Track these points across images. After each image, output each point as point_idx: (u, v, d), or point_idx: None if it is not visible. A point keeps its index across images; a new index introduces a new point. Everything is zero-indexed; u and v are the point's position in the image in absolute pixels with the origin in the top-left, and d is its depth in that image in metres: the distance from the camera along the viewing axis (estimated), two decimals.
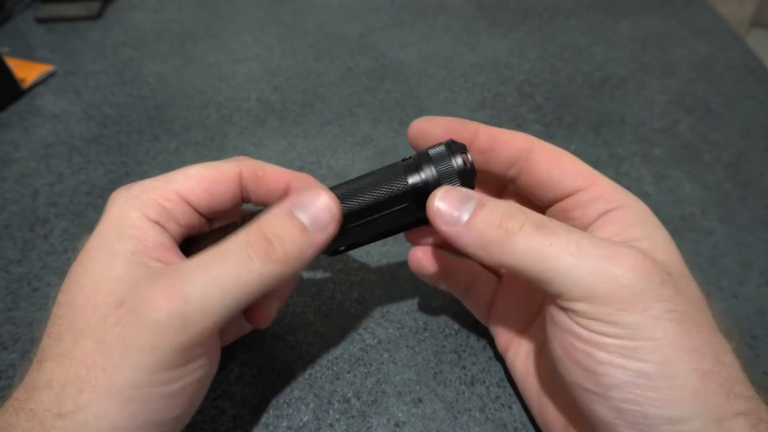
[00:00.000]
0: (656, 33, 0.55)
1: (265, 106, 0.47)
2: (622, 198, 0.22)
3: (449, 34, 0.56)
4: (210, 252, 0.20)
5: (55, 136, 0.44)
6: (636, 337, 0.17)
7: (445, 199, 0.21)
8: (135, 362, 0.18)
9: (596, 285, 0.18)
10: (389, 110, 0.46)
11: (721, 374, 0.17)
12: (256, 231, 0.20)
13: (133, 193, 0.22)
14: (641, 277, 0.18)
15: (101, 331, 0.18)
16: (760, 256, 0.33)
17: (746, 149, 0.41)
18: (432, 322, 0.30)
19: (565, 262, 0.18)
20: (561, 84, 0.48)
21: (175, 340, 0.18)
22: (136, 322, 0.18)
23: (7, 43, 0.56)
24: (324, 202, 0.21)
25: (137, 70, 0.52)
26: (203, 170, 0.23)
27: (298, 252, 0.20)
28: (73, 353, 0.18)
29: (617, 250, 0.18)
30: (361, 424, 0.26)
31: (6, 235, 0.36)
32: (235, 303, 0.19)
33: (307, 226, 0.21)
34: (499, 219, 0.20)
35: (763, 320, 0.30)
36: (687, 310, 0.18)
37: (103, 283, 0.19)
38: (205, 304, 0.18)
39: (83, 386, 0.18)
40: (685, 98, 0.46)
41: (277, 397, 0.27)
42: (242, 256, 0.19)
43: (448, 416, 0.26)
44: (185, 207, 0.22)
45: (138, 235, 0.21)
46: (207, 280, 0.19)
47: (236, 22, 0.59)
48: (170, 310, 0.18)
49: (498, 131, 0.24)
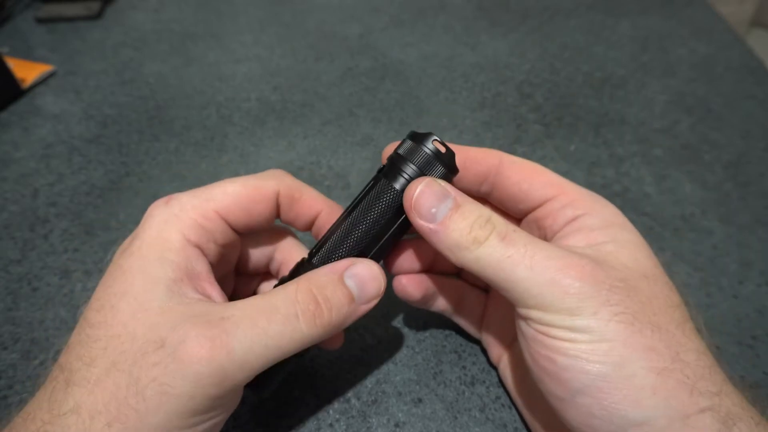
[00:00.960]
0: (656, 33, 0.55)
1: (265, 106, 0.47)
2: (588, 204, 0.22)
3: (449, 34, 0.56)
4: (257, 303, 0.20)
5: (55, 136, 0.44)
6: (590, 339, 0.18)
7: (424, 194, 0.21)
8: (169, 408, 0.18)
9: (545, 294, 0.19)
10: (389, 110, 0.46)
11: (681, 371, 0.18)
12: (306, 291, 0.20)
13: (173, 211, 0.22)
14: (588, 285, 0.19)
15: (137, 368, 0.18)
16: (760, 256, 0.33)
17: (746, 149, 0.41)
18: (432, 322, 0.30)
19: (520, 273, 0.19)
20: (561, 84, 0.48)
21: (212, 392, 0.18)
22: (176, 370, 0.18)
23: (7, 43, 0.56)
24: (375, 275, 0.22)
25: (137, 70, 0.52)
26: (242, 188, 0.23)
27: (341, 319, 0.21)
28: (105, 384, 0.18)
29: (568, 261, 0.19)
30: (361, 424, 0.26)
31: (6, 235, 0.36)
32: (272, 359, 0.19)
33: (355, 296, 0.21)
34: (470, 226, 0.20)
35: (763, 320, 0.30)
36: (640, 311, 0.18)
37: (142, 312, 0.19)
38: (246, 359, 0.19)
39: (113, 421, 0.18)
40: (685, 98, 0.46)
41: (277, 397, 0.27)
42: (290, 316, 0.19)
43: (448, 416, 0.26)
44: (224, 226, 0.22)
45: (178, 260, 0.20)
46: (252, 337, 0.19)
47: (236, 22, 0.59)
48: (213, 363, 0.18)
49: (467, 149, 0.24)
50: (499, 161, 0.24)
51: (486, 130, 0.44)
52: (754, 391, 0.27)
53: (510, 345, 0.26)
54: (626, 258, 0.20)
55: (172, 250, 0.21)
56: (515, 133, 0.43)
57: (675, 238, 0.35)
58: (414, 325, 0.30)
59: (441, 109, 0.46)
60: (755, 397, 0.19)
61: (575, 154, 0.41)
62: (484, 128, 0.44)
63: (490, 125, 0.44)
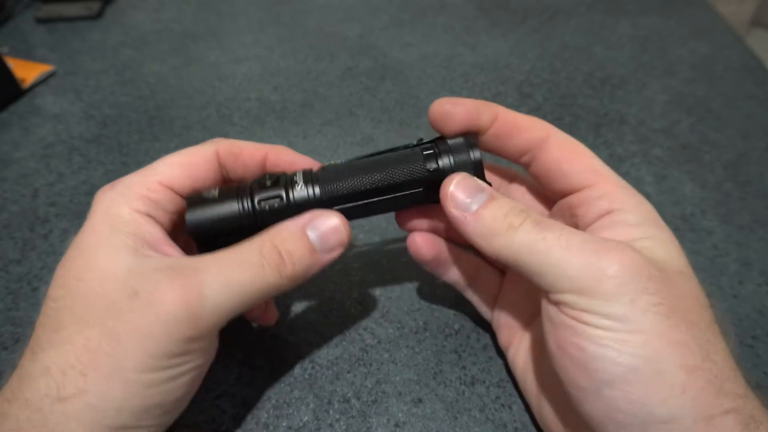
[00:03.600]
0: (656, 33, 0.55)
1: (265, 106, 0.47)
2: (626, 198, 0.22)
3: (449, 34, 0.56)
4: (225, 255, 0.21)
5: (55, 136, 0.44)
6: (624, 329, 0.18)
7: (461, 186, 0.22)
8: (144, 348, 0.19)
9: (583, 277, 0.18)
10: (389, 110, 0.46)
11: (710, 371, 0.17)
12: (270, 245, 0.21)
13: (118, 191, 0.22)
14: (627, 270, 0.18)
15: (110, 319, 0.19)
16: (760, 256, 0.33)
17: (746, 149, 0.41)
18: (432, 322, 0.30)
19: (556, 255, 0.19)
20: (561, 84, 0.48)
21: (186, 334, 0.19)
22: (151, 312, 0.19)
23: (7, 43, 0.56)
24: (336, 226, 0.22)
25: (137, 70, 0.52)
26: (180, 157, 0.24)
27: (304, 270, 0.22)
28: (76, 340, 0.19)
29: (605, 245, 0.19)
30: (361, 424, 0.26)
31: (6, 235, 0.36)
32: (243, 305, 0.21)
33: (316, 247, 0.22)
34: (504, 214, 0.21)
35: (763, 320, 0.30)
36: (676, 305, 0.18)
37: (111, 276, 0.20)
38: (218, 304, 0.20)
39: (87, 370, 0.18)
40: (685, 98, 0.46)
41: (277, 397, 0.27)
42: (256, 266, 0.21)
43: (448, 416, 0.26)
44: (170, 194, 0.23)
45: (131, 230, 0.21)
46: (223, 283, 0.20)
47: (236, 22, 0.59)
48: (187, 307, 0.19)
49: (517, 116, 0.24)
50: (547, 135, 0.23)
51: None
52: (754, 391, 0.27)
53: (522, 330, 0.26)
54: (663, 254, 0.20)
55: (123, 223, 0.21)
56: None
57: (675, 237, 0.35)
58: (414, 325, 0.30)
59: None
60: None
61: None
62: None
63: None
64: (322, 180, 0.23)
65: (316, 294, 0.32)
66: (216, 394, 0.27)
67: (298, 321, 0.30)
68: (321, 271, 0.23)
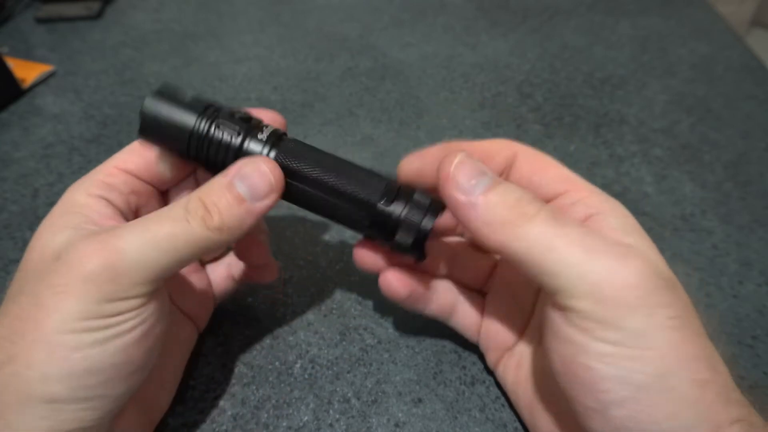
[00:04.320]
0: (656, 33, 0.55)
1: (265, 106, 0.47)
2: (601, 202, 0.21)
3: (449, 34, 0.56)
4: (150, 214, 0.21)
5: (55, 136, 0.44)
6: (638, 345, 0.17)
7: (464, 167, 0.20)
8: (63, 308, 0.18)
9: (603, 282, 0.17)
10: (389, 110, 0.46)
11: (717, 382, 0.17)
12: (195, 199, 0.21)
13: (79, 181, 0.23)
14: (646, 280, 0.17)
15: (36, 284, 0.19)
16: (760, 256, 0.33)
17: (746, 149, 0.41)
18: (432, 322, 0.30)
19: (575, 257, 0.18)
20: (561, 84, 0.48)
21: (105, 289, 0.19)
22: (68, 271, 0.19)
23: (7, 43, 0.56)
24: (263, 172, 0.21)
25: (137, 70, 0.52)
26: (137, 142, 0.24)
27: (235, 221, 0.21)
28: (11, 310, 0.19)
29: (626, 251, 0.18)
30: (361, 424, 0.26)
31: (6, 235, 0.36)
32: (169, 260, 0.20)
33: (246, 196, 0.21)
34: (516, 200, 0.19)
35: (763, 320, 0.30)
36: (687, 317, 0.18)
37: (47, 248, 0.20)
38: (138, 258, 0.19)
39: (15, 337, 0.18)
40: (685, 98, 0.46)
41: (277, 397, 0.27)
42: (180, 219, 0.20)
43: (448, 416, 0.26)
44: (125, 176, 0.23)
45: (82, 211, 0.21)
46: (142, 238, 0.19)
47: (236, 22, 0.59)
48: (102, 261, 0.19)
49: (482, 144, 0.24)
50: (514, 153, 0.23)
51: (486, 130, 0.44)
52: (754, 391, 0.27)
53: (510, 346, 0.26)
54: (656, 260, 0.19)
55: (75, 206, 0.22)
56: (515, 133, 0.43)
57: (675, 238, 0.35)
58: (414, 325, 0.30)
59: (441, 109, 0.46)
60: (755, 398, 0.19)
61: (575, 154, 0.41)
62: (484, 128, 0.44)
63: (490, 125, 0.44)
64: (283, 147, 0.23)
65: (316, 294, 0.32)
66: (216, 394, 0.27)
67: (298, 321, 0.30)
68: (320, 272, 0.23)
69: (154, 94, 0.22)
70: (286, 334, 0.30)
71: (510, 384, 0.25)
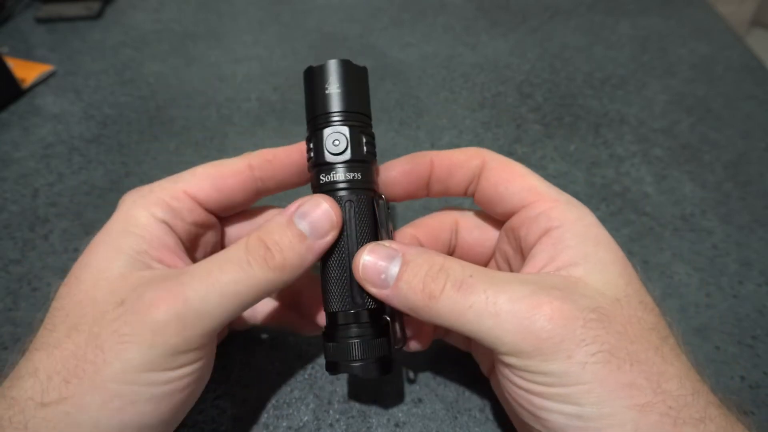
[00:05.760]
0: (656, 33, 0.55)
1: (265, 106, 0.47)
2: (563, 214, 0.21)
3: (449, 34, 0.56)
4: (212, 258, 0.20)
5: (55, 136, 0.44)
6: (565, 384, 0.18)
7: (369, 264, 0.21)
8: (126, 357, 0.18)
9: (518, 341, 0.18)
10: (389, 110, 0.46)
11: (664, 403, 0.17)
12: (256, 239, 0.20)
13: (142, 194, 0.22)
14: (560, 326, 0.18)
15: (97, 326, 0.18)
16: (760, 256, 0.33)
17: (746, 149, 0.41)
18: None
19: (486, 323, 0.18)
20: (561, 84, 0.48)
21: (171, 342, 0.18)
22: (135, 320, 0.18)
23: (7, 43, 0.56)
24: (324, 210, 0.21)
25: (137, 70, 0.52)
26: (210, 167, 0.23)
27: (296, 259, 0.21)
28: (65, 345, 0.18)
29: (535, 301, 0.18)
30: (361, 424, 0.26)
31: (6, 235, 0.36)
32: (233, 307, 0.19)
33: (306, 234, 0.21)
34: (422, 282, 0.20)
35: (763, 320, 0.30)
36: (616, 345, 0.18)
37: (103, 279, 0.19)
38: (203, 307, 0.19)
39: (70, 377, 0.18)
40: (685, 98, 0.46)
41: (277, 397, 0.27)
42: (242, 263, 0.20)
43: (448, 416, 0.26)
44: (192, 204, 0.23)
45: (143, 234, 0.21)
46: (207, 285, 0.19)
47: (236, 22, 0.59)
48: (170, 311, 0.18)
49: (451, 154, 0.24)
50: (483, 162, 0.23)
51: (486, 130, 0.44)
52: (755, 391, 0.27)
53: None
54: (597, 281, 0.19)
55: (137, 226, 0.21)
56: (515, 133, 0.43)
57: (675, 238, 0.35)
58: None
59: (441, 109, 0.46)
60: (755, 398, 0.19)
61: (575, 154, 0.41)
62: (484, 128, 0.44)
63: (490, 125, 0.44)
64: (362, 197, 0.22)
65: None
66: (216, 394, 0.27)
67: None
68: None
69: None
70: (286, 334, 0.30)
71: (501, 396, 0.25)
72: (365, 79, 0.24)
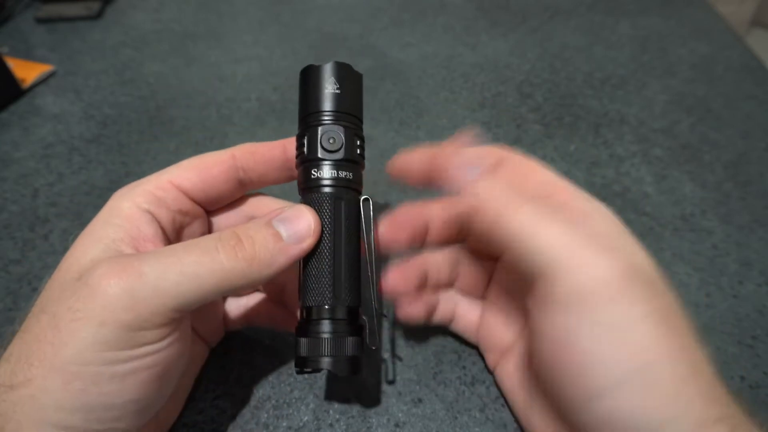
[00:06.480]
0: (656, 33, 0.55)
1: (265, 106, 0.47)
2: (584, 205, 0.21)
3: (449, 34, 0.56)
4: (183, 242, 0.20)
5: (55, 136, 0.44)
6: (618, 338, 0.17)
7: (467, 154, 0.21)
8: (81, 337, 0.18)
9: (582, 272, 0.18)
10: (389, 110, 0.46)
11: (699, 381, 0.17)
12: (230, 231, 0.21)
13: (130, 187, 0.23)
14: (626, 275, 0.18)
15: (56, 305, 0.18)
16: (760, 256, 0.33)
17: (746, 149, 0.41)
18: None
19: (558, 244, 0.18)
20: (561, 84, 0.48)
21: (122, 318, 0.18)
22: (87, 294, 0.18)
23: (7, 43, 0.56)
24: (305, 218, 0.22)
25: (137, 70, 0.52)
26: (195, 159, 0.24)
27: (266, 255, 0.20)
28: (32, 328, 0.19)
29: (607, 247, 0.19)
30: (361, 424, 0.26)
31: (6, 235, 0.36)
32: (192, 289, 0.19)
33: (283, 236, 0.21)
34: (509, 189, 0.20)
35: (763, 320, 0.30)
36: (667, 314, 0.18)
37: (75, 264, 0.20)
38: (160, 284, 0.18)
39: (33, 360, 0.18)
40: (685, 98, 0.46)
41: (277, 397, 0.27)
42: (209, 248, 0.20)
43: (448, 416, 0.26)
44: (177, 194, 0.23)
45: (123, 223, 0.21)
46: (167, 263, 0.19)
47: (236, 22, 0.59)
48: (120, 284, 0.18)
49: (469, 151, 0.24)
50: (500, 158, 0.24)
51: (486, 130, 0.44)
52: (755, 391, 0.27)
53: (507, 351, 0.26)
54: (642, 261, 0.20)
55: (119, 216, 0.21)
56: (515, 133, 0.43)
57: (675, 238, 0.35)
58: (414, 325, 0.30)
59: (441, 109, 0.46)
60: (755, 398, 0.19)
61: (575, 154, 0.41)
62: (484, 128, 0.44)
63: (490, 125, 0.44)
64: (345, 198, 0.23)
65: None
66: (216, 394, 0.27)
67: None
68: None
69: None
70: (286, 334, 0.30)
71: (507, 385, 0.26)
72: (361, 85, 0.24)
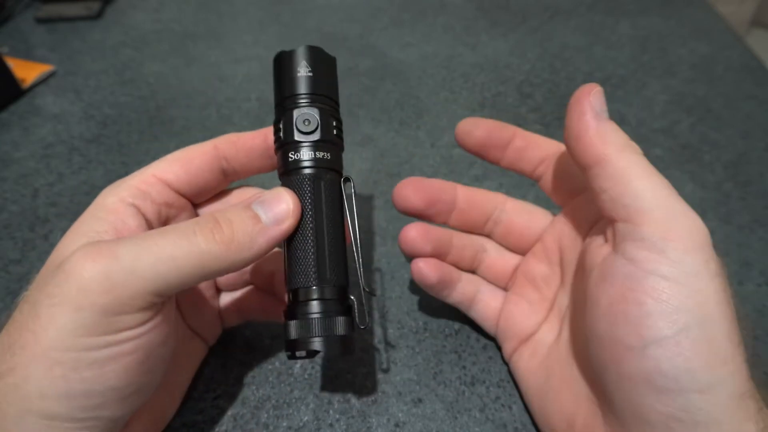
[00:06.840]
0: (656, 33, 0.55)
1: (265, 106, 0.47)
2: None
3: (449, 34, 0.56)
4: (161, 228, 0.20)
5: (55, 136, 0.44)
6: (691, 286, 0.18)
7: (600, 96, 0.23)
8: (59, 323, 0.18)
9: (675, 219, 0.19)
10: (389, 110, 0.46)
11: (743, 351, 0.18)
12: (208, 215, 0.21)
13: (115, 184, 0.23)
14: (707, 236, 0.19)
15: (37, 292, 0.19)
16: (760, 256, 0.33)
17: (746, 149, 0.41)
18: (432, 322, 0.30)
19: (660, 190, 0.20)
20: (561, 84, 0.48)
21: (100, 302, 0.18)
22: (63, 279, 0.18)
23: (7, 43, 0.56)
24: (283, 199, 0.22)
25: (137, 70, 0.52)
26: (179, 152, 0.24)
27: (245, 237, 0.20)
28: (17, 317, 0.19)
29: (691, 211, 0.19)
30: (361, 424, 0.26)
31: (6, 235, 0.36)
32: (169, 272, 0.19)
33: (262, 218, 0.21)
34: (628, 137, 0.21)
35: (763, 320, 0.30)
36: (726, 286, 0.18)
37: (59, 257, 0.19)
38: (134, 266, 0.18)
39: (16, 348, 0.18)
40: (685, 98, 0.46)
41: (277, 397, 0.27)
42: (186, 231, 0.19)
43: (448, 416, 0.26)
44: (161, 186, 0.23)
45: (106, 217, 0.21)
46: (143, 246, 0.19)
47: (236, 22, 0.59)
48: (96, 267, 0.18)
49: (532, 135, 0.27)
50: (558, 150, 0.26)
51: None
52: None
53: (527, 339, 0.26)
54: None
55: (103, 210, 0.21)
56: None
57: None
58: (414, 325, 0.30)
59: (441, 109, 0.46)
60: None
61: None
62: None
63: None
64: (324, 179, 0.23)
65: None
66: (216, 394, 0.27)
67: None
68: None
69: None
70: None
71: (522, 372, 0.26)
72: (334, 67, 0.24)
